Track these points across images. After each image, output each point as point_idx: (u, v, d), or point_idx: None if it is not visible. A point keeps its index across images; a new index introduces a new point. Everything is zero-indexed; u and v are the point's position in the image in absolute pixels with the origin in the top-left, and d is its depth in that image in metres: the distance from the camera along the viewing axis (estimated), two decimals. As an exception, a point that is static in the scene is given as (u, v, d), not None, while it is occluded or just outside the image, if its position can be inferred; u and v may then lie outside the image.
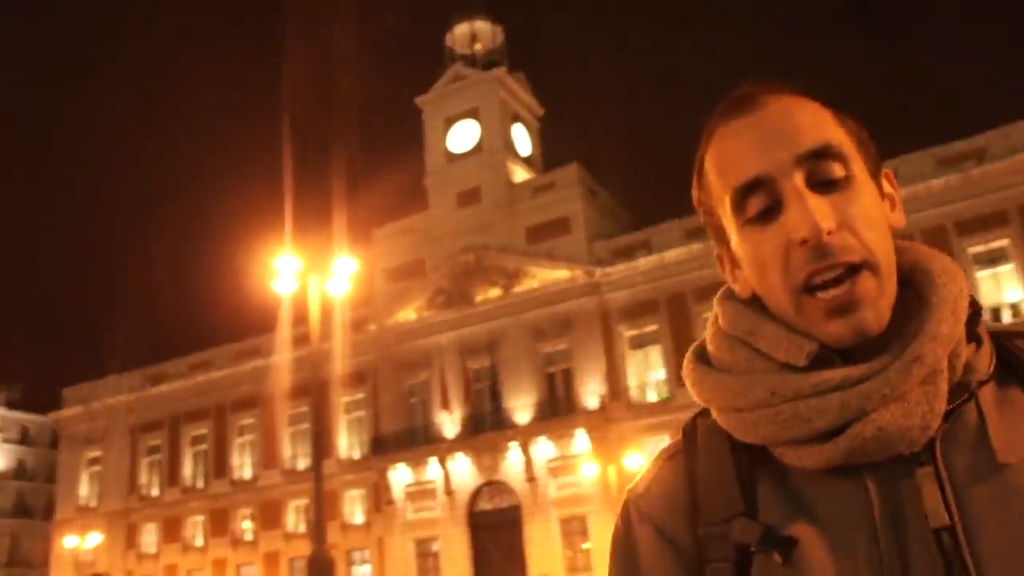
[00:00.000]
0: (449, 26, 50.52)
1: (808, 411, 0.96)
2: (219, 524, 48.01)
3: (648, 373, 39.67)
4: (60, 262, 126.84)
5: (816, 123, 1.00)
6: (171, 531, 49.45)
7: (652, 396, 39.11)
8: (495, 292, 42.49)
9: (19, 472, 71.04)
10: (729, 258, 1.11)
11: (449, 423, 41.19)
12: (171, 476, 50.41)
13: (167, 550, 48.97)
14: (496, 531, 40.20)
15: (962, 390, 0.98)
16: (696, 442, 1.09)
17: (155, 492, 50.93)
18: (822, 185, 0.98)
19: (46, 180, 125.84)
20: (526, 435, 39.38)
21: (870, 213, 0.98)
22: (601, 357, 39.72)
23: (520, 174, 45.81)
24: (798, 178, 0.97)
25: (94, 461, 53.15)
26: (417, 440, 41.82)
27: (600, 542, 37.44)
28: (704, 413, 1.11)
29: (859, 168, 1.01)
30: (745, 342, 1.05)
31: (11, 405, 71.40)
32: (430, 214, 46.07)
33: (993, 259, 34.70)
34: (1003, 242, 34.56)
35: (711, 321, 1.13)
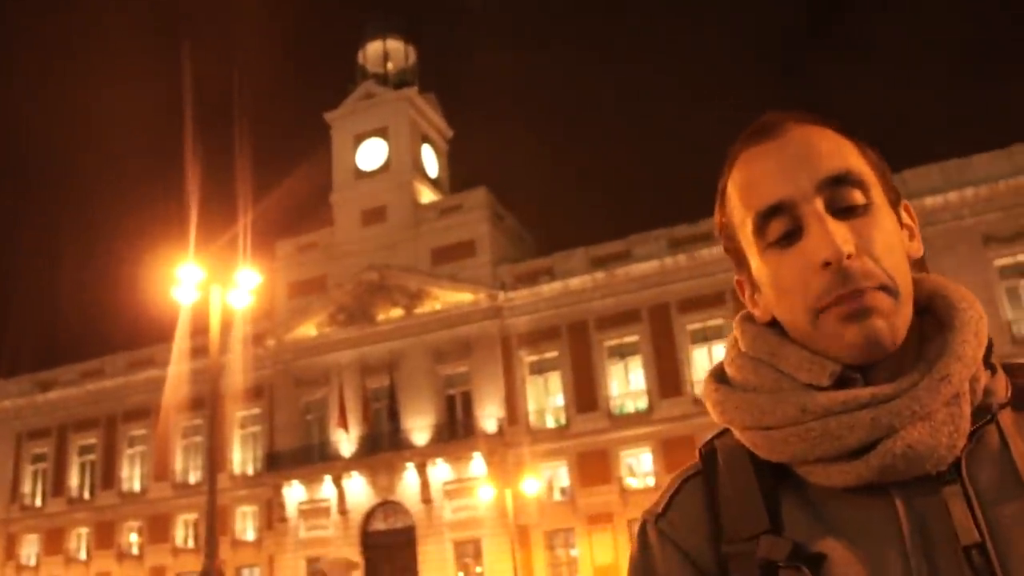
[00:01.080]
0: (362, 43, 50.41)
1: (839, 428, 0.98)
2: (105, 537, 46.82)
3: (547, 399, 39.98)
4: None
5: (837, 150, 1.05)
6: (54, 543, 48.04)
7: (550, 422, 39.41)
8: (397, 312, 42.44)
9: None
10: (749, 283, 1.14)
11: (346, 442, 40.94)
12: (56, 486, 49.01)
13: (48, 563, 47.57)
14: (390, 552, 40.03)
15: (984, 412, 1.02)
16: (715, 462, 1.11)
17: (38, 502, 49.46)
18: (843, 211, 1.02)
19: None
20: (423, 456, 39.34)
21: (889, 239, 1.03)
22: (501, 381, 39.92)
23: (427, 195, 45.88)
24: (819, 203, 1.02)
25: (-25, 468, 51.46)
26: (312, 457, 41.46)
27: (494, 566, 37.54)
28: (721, 435, 1.13)
29: (879, 196, 1.06)
30: (767, 363, 1.08)
31: None
32: (335, 231, 45.85)
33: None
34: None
35: (730, 344, 1.16)
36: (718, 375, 1.15)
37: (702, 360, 37.03)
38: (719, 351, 37.16)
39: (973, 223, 35.26)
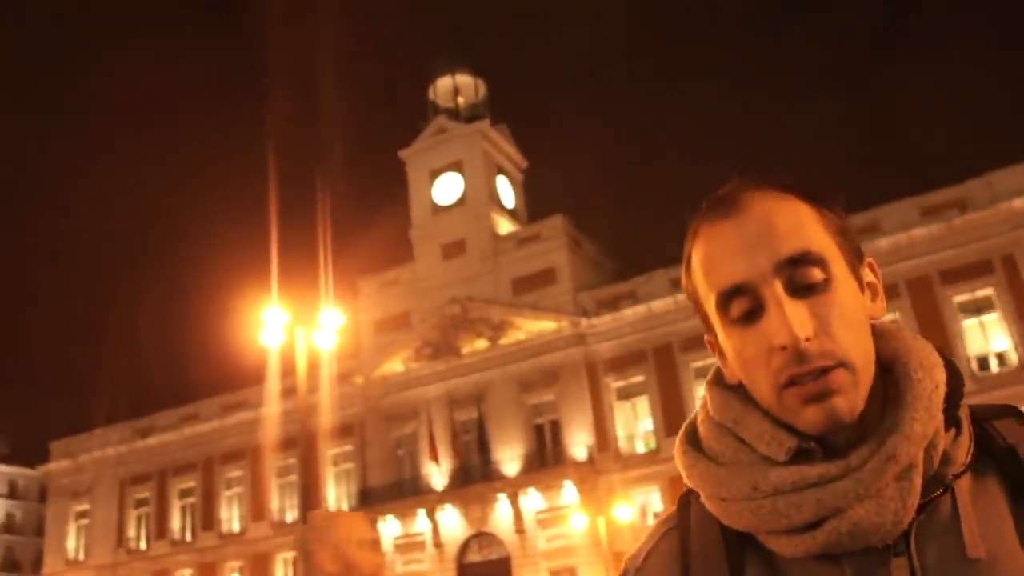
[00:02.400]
0: (431, 80, 51.07)
1: (787, 507, 1.02)
2: (208, 577, 47.79)
3: (636, 424, 39.79)
4: (46, 315, 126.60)
5: (795, 227, 1.06)
6: (160, 585, 49.20)
7: (640, 447, 39.21)
8: (481, 343, 42.69)
9: (8, 526, 70.58)
10: (718, 346, 1.16)
11: (437, 475, 41.20)
12: (159, 529, 50.19)
13: (156, 604, 48.69)
14: (487, 583, 40.14)
15: (938, 483, 1.04)
16: (689, 517, 1.16)
17: (143, 545, 50.67)
18: (802, 290, 1.04)
19: (30, 234, 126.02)
20: (514, 487, 39.40)
21: (848, 314, 1.04)
22: (588, 408, 39.85)
23: (505, 226, 46.15)
24: (778, 285, 1.04)
25: (82, 514, 52.90)
26: (405, 492, 41.79)
27: (590, 593, 37.41)
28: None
29: (839, 267, 1.07)
30: (731, 431, 1.12)
31: (-1, 459, 71.17)
32: (416, 266, 46.33)
33: (979, 308, 34.83)
34: (988, 291, 34.68)
35: (701, 405, 1.20)
36: (690, 437, 1.19)
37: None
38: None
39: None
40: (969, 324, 35.00)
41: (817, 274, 1.05)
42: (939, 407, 1.05)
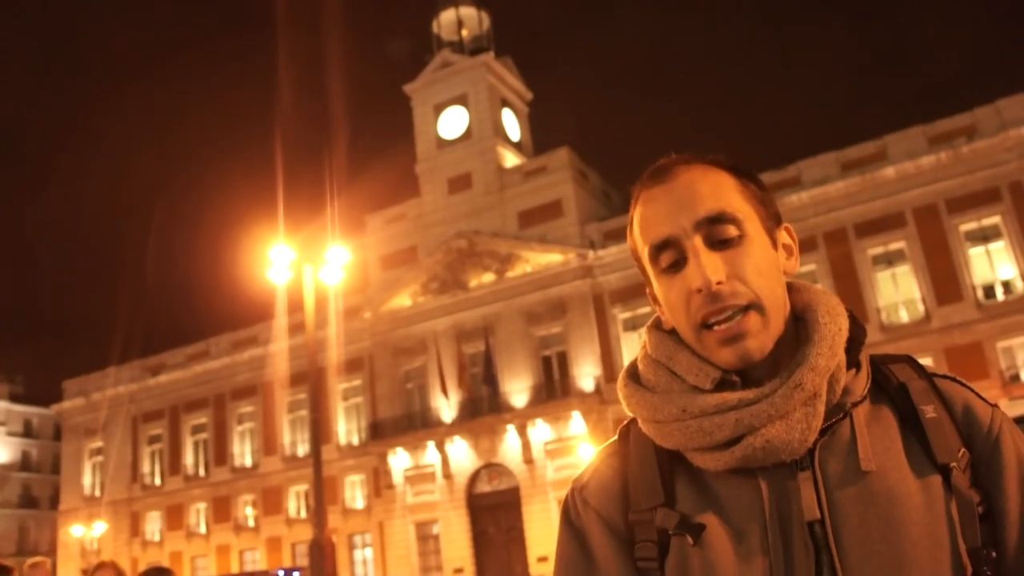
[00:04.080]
0: (435, 13, 50.57)
1: (710, 426, 1.21)
2: (221, 511, 48.53)
3: (642, 354, 39.98)
4: (58, 256, 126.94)
5: (715, 192, 1.25)
6: (174, 519, 50.01)
7: (646, 377, 39.44)
8: (489, 277, 42.84)
9: (24, 464, 71.54)
10: (653, 295, 1.36)
11: (446, 407, 41.60)
12: (172, 465, 50.90)
13: (171, 537, 49.53)
14: (495, 513, 40.69)
15: (839, 410, 1.23)
16: (629, 443, 1.34)
17: (157, 481, 51.44)
18: (719, 243, 1.23)
19: (43, 176, 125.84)
20: (523, 418, 39.81)
21: (758, 263, 1.24)
22: (595, 339, 40.08)
23: (511, 159, 46.03)
24: (697, 239, 1.23)
25: (97, 451, 53.65)
26: (415, 425, 42.25)
27: (597, 521, 37.89)
28: (636, 420, 1.35)
29: (753, 226, 1.26)
30: (665, 366, 1.31)
31: (14, 398, 71.78)
32: (422, 201, 46.32)
33: (985, 236, 34.75)
34: (995, 219, 34.54)
35: (641, 345, 1.38)
36: (631, 372, 1.39)
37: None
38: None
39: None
40: (975, 252, 34.91)
41: (732, 231, 1.24)
42: (841, 347, 1.25)
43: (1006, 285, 34.46)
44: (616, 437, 1.39)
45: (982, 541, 1.16)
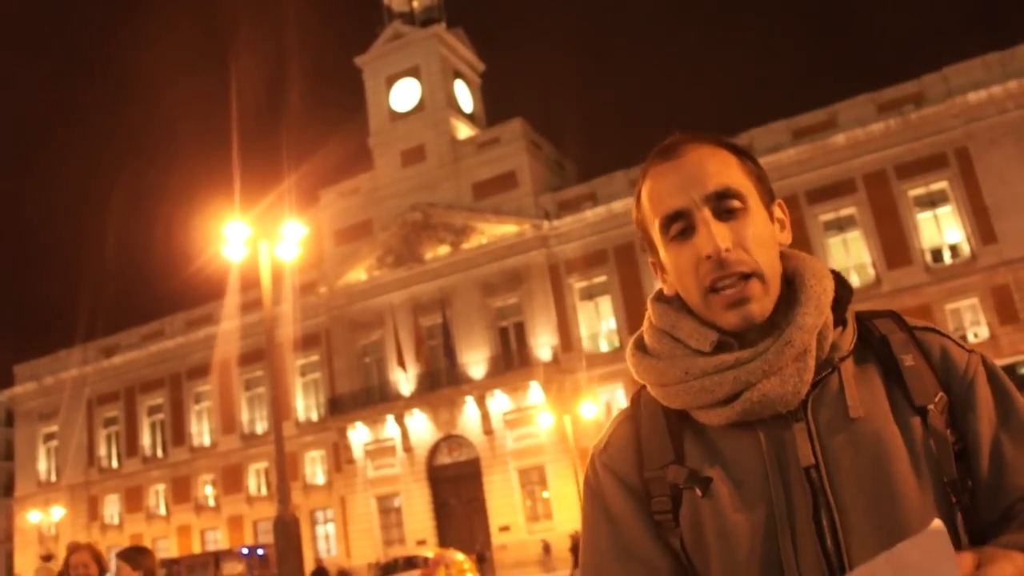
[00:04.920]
0: (385, -17, 50.22)
1: (712, 385, 1.32)
2: (181, 491, 48.30)
3: (599, 323, 40.26)
4: (4, 239, 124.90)
5: (721, 170, 1.36)
6: (133, 501, 49.69)
7: (604, 346, 39.73)
8: (444, 249, 42.79)
9: (-25, 451, 70.61)
10: (659, 265, 1.46)
11: (404, 380, 41.62)
12: (130, 446, 50.50)
13: (130, 520, 49.24)
14: (456, 484, 40.88)
15: (828, 364, 1.34)
16: (640, 408, 1.46)
17: (115, 463, 51.05)
18: (724, 214, 1.33)
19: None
20: (481, 389, 39.94)
21: (759, 235, 1.35)
22: (552, 309, 40.23)
23: (464, 131, 45.89)
24: (706, 211, 1.33)
25: (51, 436, 53.07)
26: (374, 399, 42.25)
27: (559, 490, 38.21)
28: (646, 386, 1.46)
29: (754, 201, 1.37)
30: (669, 334, 1.42)
31: (-38, 384, 70.74)
32: (375, 174, 46.09)
33: (933, 201, 35.28)
34: (942, 184, 35.08)
35: (646, 318, 1.49)
36: (638, 343, 1.49)
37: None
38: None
39: (1018, 116, 34.48)
40: (924, 217, 35.49)
41: (736, 204, 1.34)
42: (827, 306, 1.36)
43: (953, 249, 35.07)
44: (629, 404, 1.50)
45: (960, 474, 1.28)
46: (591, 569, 1.41)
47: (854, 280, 35.51)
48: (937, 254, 35.20)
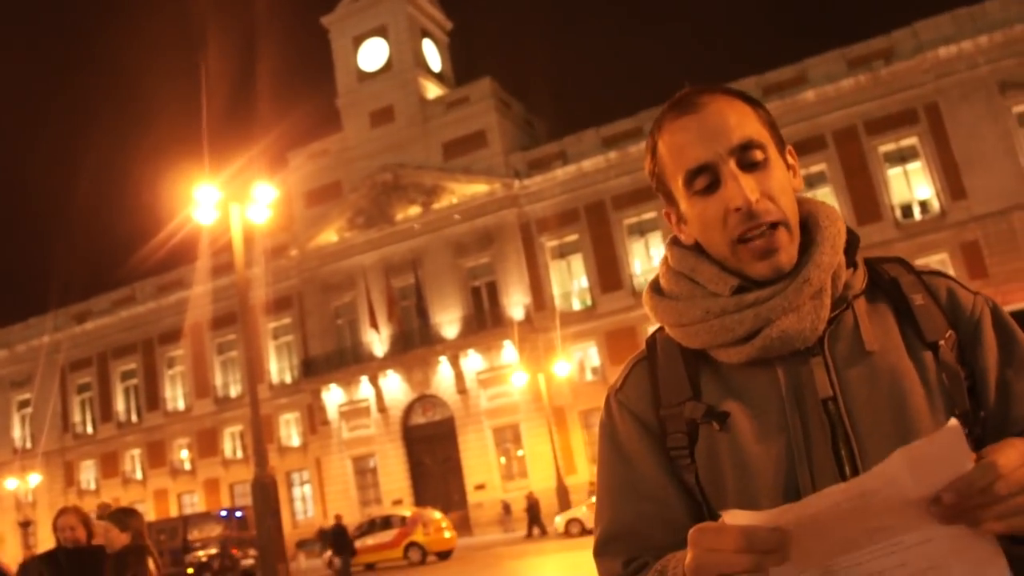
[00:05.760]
0: (351, -59, 49.64)
1: (732, 323, 1.35)
2: (156, 456, 48.34)
3: (571, 282, 40.40)
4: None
5: (741, 122, 1.37)
6: (109, 466, 49.70)
7: (577, 304, 39.91)
8: (415, 210, 42.73)
9: (-53, 419, 70.17)
10: (676, 215, 1.47)
11: (378, 342, 41.71)
12: (104, 412, 50.42)
13: (107, 485, 49.21)
14: (431, 444, 41.14)
15: (842, 302, 1.38)
16: (656, 349, 1.48)
17: (89, 429, 50.97)
18: (749, 166, 1.35)
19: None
20: (455, 349, 40.10)
21: (781, 184, 1.37)
22: (524, 268, 40.34)
23: (433, 90, 45.66)
24: (732, 164, 1.34)
25: (25, 403, 52.88)
26: (347, 360, 42.33)
27: (534, 448, 38.52)
28: (661, 329, 1.50)
29: (772, 151, 1.38)
30: (688, 277, 1.44)
31: (-68, 353, 70.17)
32: (344, 135, 45.85)
33: (903, 157, 35.51)
34: (912, 140, 35.29)
35: (663, 262, 1.52)
36: (654, 286, 1.52)
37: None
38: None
39: (989, 71, 34.55)
40: (894, 173, 35.70)
41: (759, 155, 1.36)
42: (841, 246, 1.40)
43: (923, 205, 35.35)
44: (644, 346, 1.53)
45: (971, 405, 1.34)
46: (605, 507, 1.46)
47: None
48: (907, 210, 35.46)
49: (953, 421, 1.01)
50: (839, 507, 1.03)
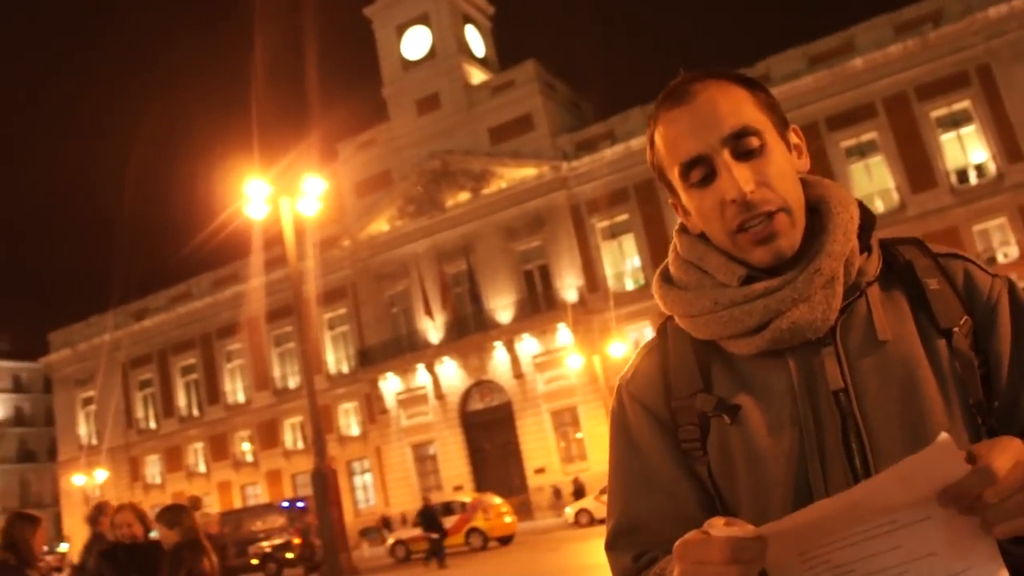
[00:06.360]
0: (390, -70, 49.62)
1: (741, 314, 1.31)
2: (219, 449, 49.00)
3: (623, 262, 40.22)
4: (31, 209, 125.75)
5: (735, 108, 1.33)
6: (173, 460, 50.49)
7: (629, 284, 39.74)
8: (464, 196, 42.75)
9: (18, 419, 71.82)
10: (680, 206, 1.43)
11: (432, 329, 41.83)
12: (166, 407, 51.21)
13: (171, 479, 50.02)
14: (490, 429, 41.23)
15: (855, 290, 1.33)
16: (667, 339, 1.44)
17: (152, 424, 51.80)
18: (744, 155, 1.31)
19: (15, 129, 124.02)
20: (509, 333, 40.12)
21: (781, 169, 1.32)
22: (575, 250, 40.22)
23: (477, 76, 45.58)
24: (726, 154, 1.30)
25: (89, 401, 53.83)
26: (403, 348, 42.52)
27: (592, 431, 38.47)
28: (672, 318, 1.45)
29: (770, 134, 1.34)
30: (696, 266, 1.40)
31: (0, 355, 71.78)
32: (392, 124, 45.94)
33: (956, 121, 34.77)
34: (965, 104, 34.56)
35: (672, 249, 1.47)
36: (664, 274, 1.48)
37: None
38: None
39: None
40: (947, 138, 35.00)
41: (754, 142, 1.32)
42: (854, 233, 1.35)
43: (979, 169, 34.62)
44: (655, 335, 1.48)
45: (985, 396, 1.29)
46: (617, 501, 1.43)
47: (878, 206, 35.22)
48: (962, 175, 34.73)
49: (944, 435, 0.97)
50: (828, 518, 1.02)
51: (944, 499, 1.00)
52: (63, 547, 53.01)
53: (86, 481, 50.00)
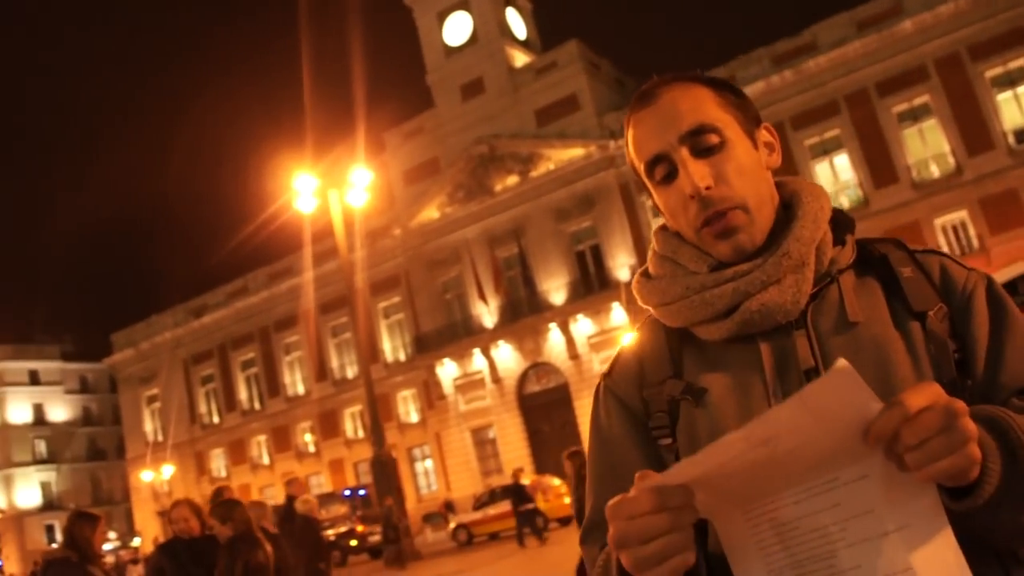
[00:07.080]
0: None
1: (711, 298, 1.35)
2: (281, 440, 49.62)
3: (675, 239, 39.95)
4: (85, 214, 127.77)
5: (694, 107, 1.38)
6: (237, 453, 51.23)
7: (682, 259, 39.51)
8: (513, 179, 42.75)
9: (86, 419, 73.37)
10: (656, 204, 1.48)
11: (487, 313, 41.95)
12: (228, 401, 51.94)
13: (237, 472, 50.75)
14: (548, 411, 41.29)
15: (826, 276, 1.37)
16: (644, 331, 1.50)
17: (216, 419, 52.58)
18: (703, 151, 1.35)
19: (77, 136, 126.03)
20: (563, 315, 40.10)
21: (741, 166, 1.36)
22: (627, 229, 40.06)
23: (520, 59, 45.45)
24: (684, 151, 1.35)
25: (153, 398, 54.83)
26: (458, 334, 42.70)
27: (650, 408, 38.36)
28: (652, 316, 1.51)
29: (733, 132, 1.38)
30: (671, 259, 1.46)
31: (66, 357, 73.24)
32: (437, 111, 46.02)
33: (1012, 80, 34.01)
34: (1022, 61, 33.73)
35: (651, 246, 1.54)
36: (644, 272, 1.53)
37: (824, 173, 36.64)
38: (841, 161, 36.59)
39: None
40: (1003, 98, 34.16)
41: (713, 139, 1.36)
42: (824, 221, 1.39)
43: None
44: (637, 329, 1.54)
45: (959, 375, 1.30)
46: (590, 495, 1.46)
47: (933, 171, 34.74)
48: (1021, 135, 33.86)
49: (842, 360, 0.98)
50: (745, 456, 1.02)
51: (868, 441, 1.01)
52: (136, 541, 54.21)
53: (154, 477, 51.00)
